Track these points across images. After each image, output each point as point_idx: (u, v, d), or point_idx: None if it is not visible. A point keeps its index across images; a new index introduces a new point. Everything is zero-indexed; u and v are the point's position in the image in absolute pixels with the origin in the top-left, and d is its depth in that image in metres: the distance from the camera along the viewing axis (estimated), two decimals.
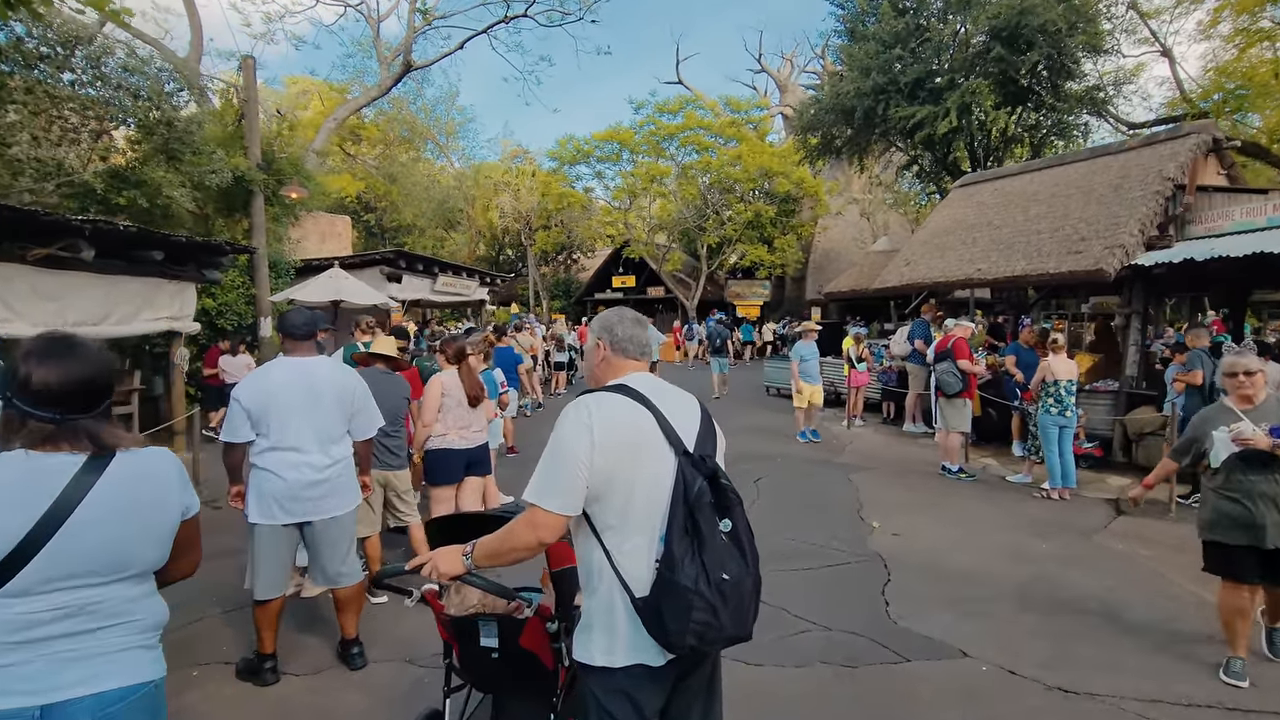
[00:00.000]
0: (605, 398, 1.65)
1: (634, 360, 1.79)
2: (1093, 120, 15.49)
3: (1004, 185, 10.55)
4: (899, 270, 10.54)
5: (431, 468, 4.44)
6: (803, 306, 25.58)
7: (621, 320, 1.81)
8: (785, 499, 6.36)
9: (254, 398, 3.08)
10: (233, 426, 3.10)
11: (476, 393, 4.45)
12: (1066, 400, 6.43)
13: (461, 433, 4.43)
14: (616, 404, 1.64)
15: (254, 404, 3.08)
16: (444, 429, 4.38)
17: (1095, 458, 7.67)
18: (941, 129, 11.97)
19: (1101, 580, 4.42)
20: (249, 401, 3.08)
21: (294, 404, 3.09)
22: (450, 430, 4.39)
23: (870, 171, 18.90)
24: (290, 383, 3.13)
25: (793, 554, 4.86)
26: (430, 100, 32.06)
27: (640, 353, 1.81)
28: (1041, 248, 8.64)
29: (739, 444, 8.80)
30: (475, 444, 4.50)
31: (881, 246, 17.17)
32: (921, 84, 12.69)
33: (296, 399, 3.10)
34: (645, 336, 1.85)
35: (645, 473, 1.59)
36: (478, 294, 15.91)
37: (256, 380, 3.18)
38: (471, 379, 4.45)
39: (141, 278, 7.47)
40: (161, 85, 9.03)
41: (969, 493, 6.61)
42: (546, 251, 29.73)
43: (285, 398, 3.08)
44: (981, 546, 5.04)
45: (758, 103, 26.46)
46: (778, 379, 13.56)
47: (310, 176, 12.49)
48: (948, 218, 10.83)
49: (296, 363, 3.20)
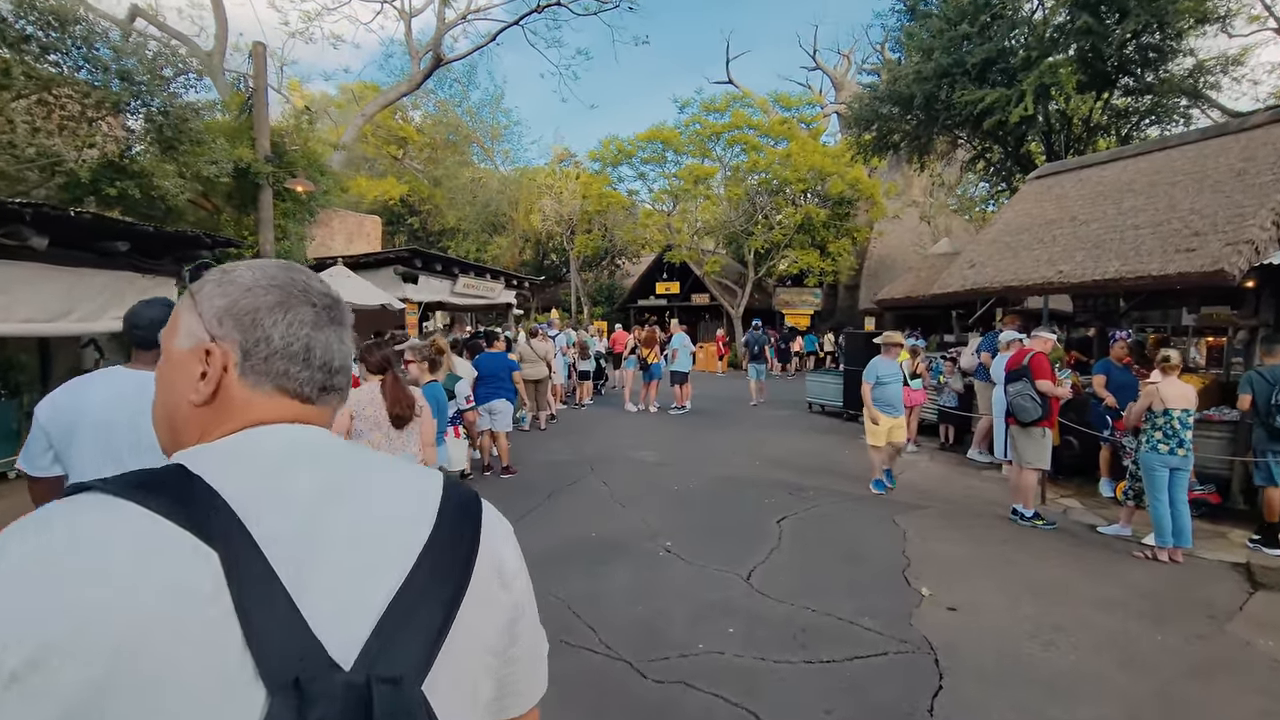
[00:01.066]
0: (83, 522, 0.58)
1: (289, 399, 0.75)
2: (1194, 110, 13.57)
3: (1090, 175, 9.02)
4: (961, 273, 9.13)
5: None
6: (856, 316, 23.95)
7: (281, 295, 0.75)
8: (812, 548, 5.16)
9: (57, 417, 2.16)
10: (29, 453, 2.19)
11: (403, 410, 3.49)
12: (1181, 434, 5.02)
13: None
14: (114, 544, 0.57)
15: (56, 426, 2.16)
16: None
17: (1210, 504, 6.15)
18: (1014, 116, 10.46)
19: (1252, 702, 3.10)
20: (50, 421, 2.15)
21: (111, 435, 2.12)
22: None
23: (932, 170, 17.27)
24: (112, 403, 2.18)
25: (809, 634, 3.69)
26: (475, 103, 32.07)
27: (317, 384, 0.77)
28: (1140, 246, 7.16)
29: (767, 471, 7.63)
30: None
31: (942, 249, 15.59)
32: (992, 64, 11.21)
33: (117, 429, 2.13)
34: (337, 347, 0.79)
35: None
36: (503, 297, 15.16)
37: (68, 394, 2.23)
38: (396, 394, 3.49)
39: (110, 271, 6.89)
40: (157, 68, 8.53)
41: (1048, 547, 5.26)
42: (589, 257, 29.00)
43: (101, 423, 2.14)
44: (1072, 634, 3.75)
45: (810, 99, 25.01)
46: (821, 394, 12.25)
47: (325, 171, 11.94)
48: (1021, 213, 9.36)
49: (131, 376, 2.25)
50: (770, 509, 6.16)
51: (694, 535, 5.41)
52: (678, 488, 6.97)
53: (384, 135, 28.39)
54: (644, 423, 11.18)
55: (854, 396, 11.22)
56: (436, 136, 30.43)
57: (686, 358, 12.29)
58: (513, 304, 15.83)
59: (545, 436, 9.91)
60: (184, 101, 9.19)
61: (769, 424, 11.19)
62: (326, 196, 12.62)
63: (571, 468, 7.81)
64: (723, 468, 7.83)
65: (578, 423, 11.13)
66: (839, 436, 10.04)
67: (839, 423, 11.29)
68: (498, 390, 7.09)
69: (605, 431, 10.34)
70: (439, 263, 12.45)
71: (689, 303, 28.00)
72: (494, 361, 7.13)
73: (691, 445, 9.23)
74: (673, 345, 12.40)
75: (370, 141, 27.81)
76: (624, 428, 10.67)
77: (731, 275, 25.91)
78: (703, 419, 11.56)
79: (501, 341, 7.40)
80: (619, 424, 11.07)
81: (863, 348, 11.10)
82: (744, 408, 13.19)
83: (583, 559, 4.87)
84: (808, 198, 23.64)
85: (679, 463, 8.09)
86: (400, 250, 11.75)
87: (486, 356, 7.14)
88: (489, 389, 7.08)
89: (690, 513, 6.07)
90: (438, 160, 29.75)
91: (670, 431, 10.35)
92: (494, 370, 7.09)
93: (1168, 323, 9.14)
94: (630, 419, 11.59)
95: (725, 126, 22.94)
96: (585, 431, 10.31)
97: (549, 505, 6.30)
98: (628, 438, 9.75)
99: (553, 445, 9.21)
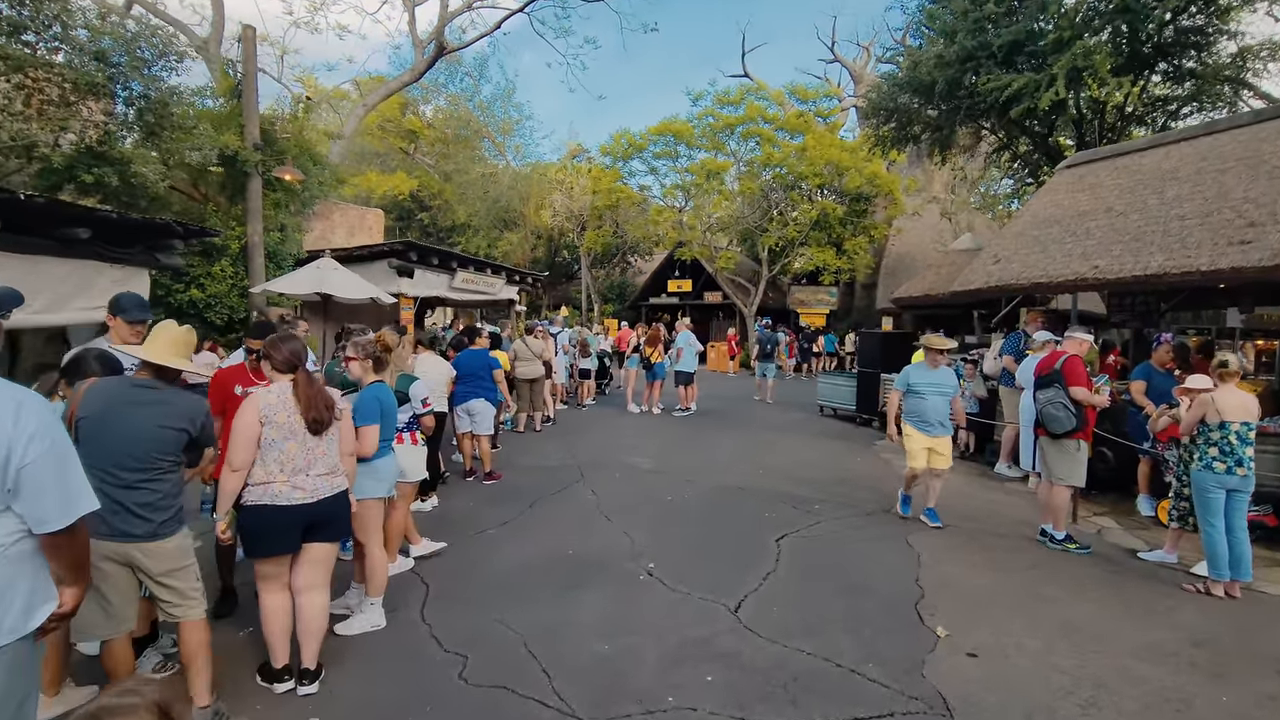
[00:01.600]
0: None
1: None
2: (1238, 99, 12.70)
3: (1128, 163, 8.30)
4: (985, 269, 8.47)
5: (247, 533, 2.99)
6: (873, 316, 23.19)
7: None
8: (813, 573, 4.59)
9: None
10: None
11: (320, 414, 2.98)
12: (1240, 451, 4.38)
13: (296, 479, 2.96)
14: None
15: None
16: (265, 474, 2.93)
17: (1267, 527, 5.48)
18: (1044, 101, 9.73)
19: None
20: None
21: None
22: (276, 477, 2.93)
23: (954, 164, 16.47)
24: None
25: (802, 685, 3.13)
26: (487, 98, 31.69)
27: None
28: (1186, 238, 6.48)
29: (770, 481, 7.02)
30: (320, 495, 3.02)
31: (964, 244, 14.84)
32: (1020, 47, 10.48)
33: None
34: None
35: None
36: (505, 293, 14.64)
37: None
38: (311, 395, 2.98)
39: (73, 259, 6.50)
40: (135, 49, 8.14)
41: (1083, 576, 4.63)
42: (599, 254, 28.50)
43: None
44: (1115, 691, 3.15)
45: (827, 91, 24.23)
46: (833, 397, 11.63)
47: (319, 161, 11.54)
48: (1050, 205, 8.67)
49: None
50: (770, 524, 5.59)
51: (682, 555, 4.87)
52: (671, 498, 6.43)
53: (394, 130, 28.06)
54: (645, 425, 10.64)
55: (868, 400, 10.60)
56: (448, 131, 30.08)
57: (692, 357, 11.72)
58: (515, 300, 15.32)
59: (540, 439, 9.41)
60: (166, 85, 8.81)
61: (777, 428, 10.59)
62: (322, 188, 12.22)
63: (561, 473, 7.30)
64: (723, 476, 7.27)
65: (576, 424, 10.61)
66: (850, 443, 9.42)
67: (851, 428, 10.67)
68: (476, 389, 6.58)
69: (603, 434, 9.81)
70: (435, 256, 11.96)
71: (701, 301, 27.41)
72: (473, 359, 6.61)
73: (692, 450, 8.68)
74: (677, 344, 11.83)
75: (376, 135, 27.54)
76: (623, 430, 10.14)
77: (745, 273, 25.25)
78: (707, 422, 11.00)
79: (484, 338, 6.87)
80: (618, 426, 10.54)
81: (878, 348, 10.48)
82: (751, 410, 12.60)
83: (553, 581, 4.35)
84: (824, 193, 22.91)
85: (676, 470, 7.54)
86: (395, 243, 11.29)
87: (465, 354, 6.64)
88: (467, 388, 6.58)
89: (681, 527, 5.52)
90: (449, 155, 29.39)
91: (671, 435, 9.80)
92: (473, 369, 6.58)
93: (1211, 324, 8.39)
94: (631, 421, 11.06)
95: (739, 119, 22.27)
96: (582, 434, 9.79)
97: (529, 515, 5.79)
98: (625, 441, 9.22)
99: (546, 448, 8.70)
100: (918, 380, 5.64)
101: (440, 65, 29.47)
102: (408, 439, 4.26)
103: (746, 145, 23.09)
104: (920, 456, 5.61)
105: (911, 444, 5.63)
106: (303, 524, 3.01)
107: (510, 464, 7.73)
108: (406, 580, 4.31)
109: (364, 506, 3.50)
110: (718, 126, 22.63)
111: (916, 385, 5.63)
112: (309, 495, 3.00)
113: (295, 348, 3.01)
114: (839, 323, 24.67)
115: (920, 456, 5.61)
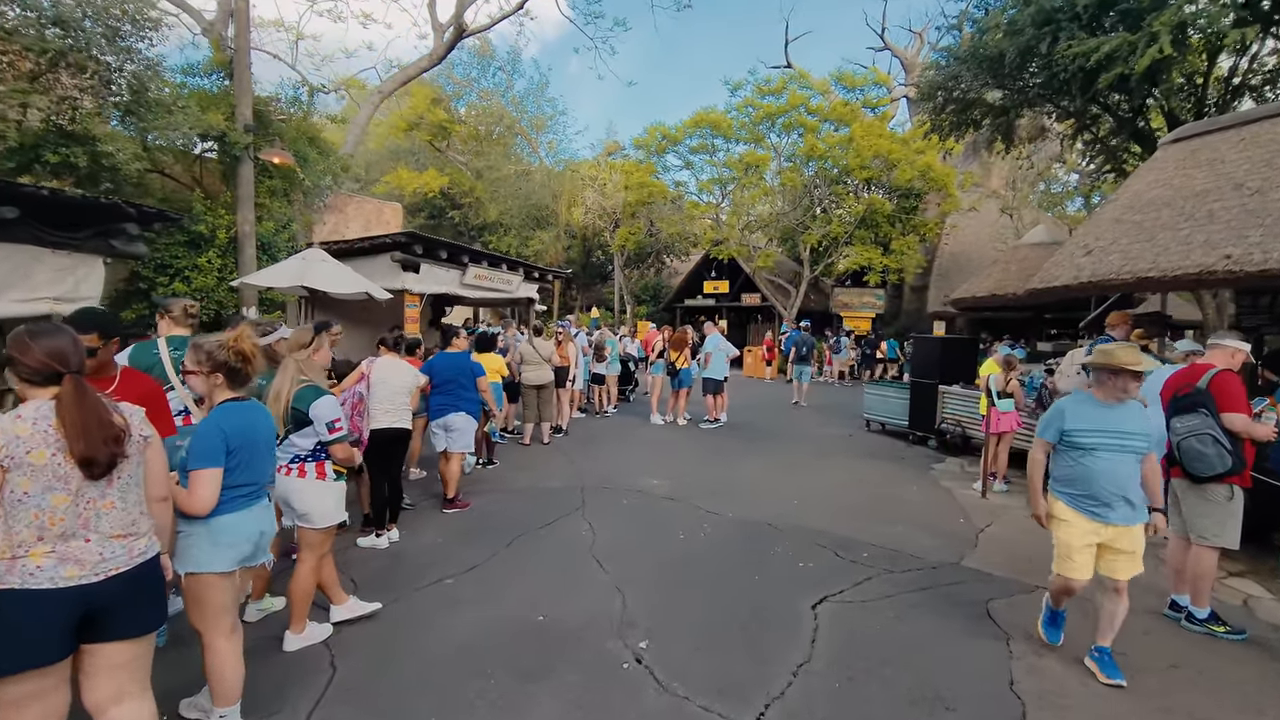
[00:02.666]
0: None
1: None
2: None
3: (1259, 132, 6.77)
4: (1073, 262, 7.04)
5: None
6: (924, 320, 21.50)
7: None
8: (863, 666, 3.35)
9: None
10: None
11: (95, 448, 1.93)
12: None
13: (65, 547, 1.91)
14: None
15: None
16: (10, 545, 1.87)
17: None
18: (1143, 63, 8.20)
19: None
20: None
21: None
22: (31, 547, 1.88)
23: (1021, 152, 14.81)
24: None
25: None
26: (520, 93, 30.98)
27: None
28: None
29: (806, 515, 5.46)
30: (110, 568, 1.97)
31: (1038, 238, 13.24)
32: (1110, 5, 8.96)
33: None
34: None
35: None
36: (523, 291, 13.68)
37: None
38: (81, 416, 1.93)
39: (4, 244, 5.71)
40: (104, 16, 7.39)
41: (1246, 679, 3.29)
42: (633, 253, 27.42)
43: None
44: None
45: (876, 79, 22.61)
46: (882, 410, 10.26)
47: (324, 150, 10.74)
48: (1156, 184, 7.18)
49: None
50: (805, 581, 4.36)
51: (686, 627, 3.69)
52: (684, 536, 5.25)
53: (425, 126, 27.55)
54: (666, 438, 9.46)
55: (922, 415, 9.22)
56: (480, 127, 29.47)
57: (721, 363, 10.50)
58: (534, 299, 14.34)
59: (545, 453, 8.34)
60: (144, 59, 8.06)
61: (816, 444, 9.28)
62: (329, 177, 11.44)
63: (558, 498, 6.20)
64: (750, 506, 6.05)
65: (589, 436, 9.51)
66: (902, 466, 8.07)
67: (903, 446, 9.28)
68: (456, 401, 5.51)
69: (617, 448, 8.68)
70: (444, 249, 11.05)
71: (739, 303, 26.08)
72: (450, 364, 5.54)
73: (716, 471, 7.47)
74: (706, 348, 10.62)
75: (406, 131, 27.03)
76: (641, 445, 8.99)
77: (785, 274, 23.82)
78: (737, 435, 9.76)
79: (462, 340, 5.79)
80: (637, 439, 9.39)
81: (936, 356, 9.09)
82: (787, 421, 11.30)
83: (507, 665, 3.23)
84: (871, 188, 21.33)
85: (695, 496, 6.35)
86: (397, 235, 10.40)
87: (442, 358, 5.57)
88: (445, 399, 5.53)
89: (690, 584, 4.34)
90: (482, 152, 28.76)
91: (695, 451, 8.61)
92: (451, 375, 5.52)
93: None
94: (651, 433, 9.90)
95: (781, 109, 20.88)
96: (594, 447, 8.68)
97: (503, 558, 4.69)
98: (641, 459, 8.07)
99: (549, 465, 7.63)
100: (1081, 424, 3.24)
101: (473, 60, 28.97)
102: (311, 471, 3.19)
103: (789, 138, 21.69)
104: (1080, 558, 3.22)
105: (1067, 534, 3.27)
106: (78, 614, 1.95)
107: (502, 485, 6.67)
108: (311, 659, 3.24)
109: (196, 583, 2.43)
110: (757, 118, 21.29)
111: (1077, 433, 3.24)
112: (89, 571, 1.95)
113: (58, 345, 1.97)
114: (884, 327, 23.00)
115: (1080, 558, 3.22)
